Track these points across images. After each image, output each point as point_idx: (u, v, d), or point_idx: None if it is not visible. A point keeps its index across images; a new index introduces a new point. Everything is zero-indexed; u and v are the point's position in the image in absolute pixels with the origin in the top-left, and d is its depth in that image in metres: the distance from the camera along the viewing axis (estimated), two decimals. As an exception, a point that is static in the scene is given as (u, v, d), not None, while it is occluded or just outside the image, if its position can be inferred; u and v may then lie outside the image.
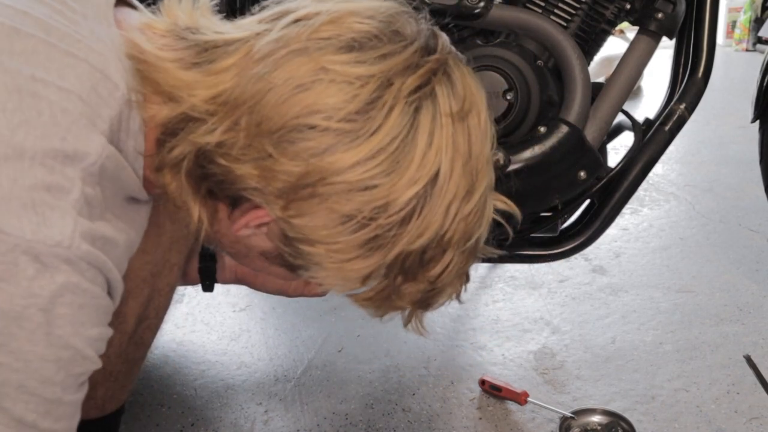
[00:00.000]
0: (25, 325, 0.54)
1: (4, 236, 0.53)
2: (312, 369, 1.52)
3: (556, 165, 1.06)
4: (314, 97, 0.58)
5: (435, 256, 0.63)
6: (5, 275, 0.53)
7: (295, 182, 0.59)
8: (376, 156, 0.58)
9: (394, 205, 0.59)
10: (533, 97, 1.09)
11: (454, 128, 0.61)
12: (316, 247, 0.62)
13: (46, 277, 0.54)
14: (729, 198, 2.37)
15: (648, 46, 1.13)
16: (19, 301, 0.54)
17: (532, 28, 1.08)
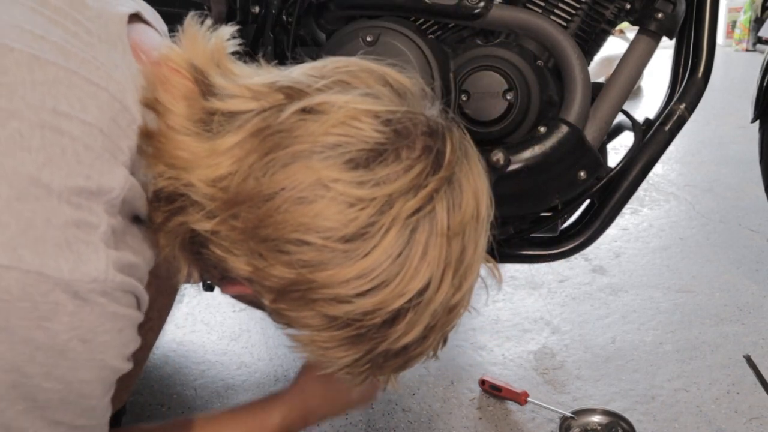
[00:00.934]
0: (69, 355, 0.56)
1: (44, 278, 0.54)
2: (312, 369, 1.52)
3: (556, 165, 1.06)
4: (314, 214, 0.57)
5: (417, 344, 0.64)
6: (48, 314, 0.54)
7: (286, 286, 0.60)
8: (367, 275, 0.59)
9: (380, 313, 0.60)
10: (533, 97, 1.09)
11: (449, 245, 0.61)
12: (301, 332, 0.64)
13: (86, 311, 0.56)
14: (729, 198, 2.37)
15: (648, 46, 1.13)
16: (62, 336, 0.55)
17: (532, 28, 1.08)
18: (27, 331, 0.54)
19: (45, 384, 0.57)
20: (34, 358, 0.55)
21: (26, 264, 0.53)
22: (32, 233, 0.53)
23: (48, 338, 0.55)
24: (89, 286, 0.55)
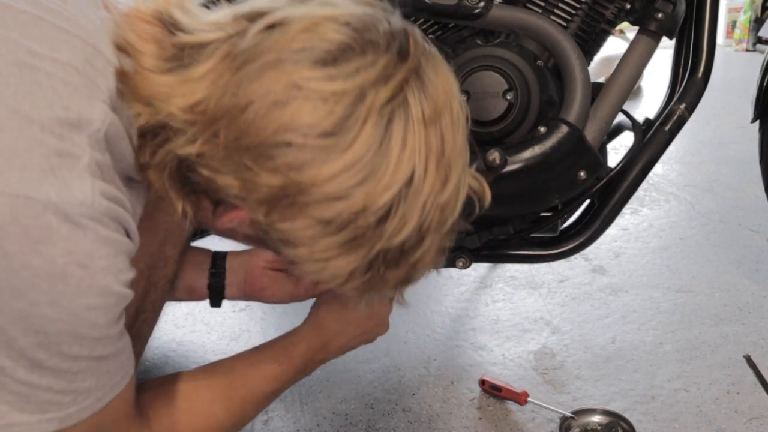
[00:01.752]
0: (70, 281, 0.58)
1: (33, 202, 0.55)
2: (312, 369, 1.52)
3: (556, 165, 1.06)
4: (290, 114, 0.59)
5: (414, 245, 0.66)
6: (41, 238, 0.56)
7: (276, 193, 0.61)
8: (351, 168, 0.60)
9: (371, 209, 0.62)
10: (533, 97, 1.09)
11: (426, 132, 0.63)
12: (298, 249, 0.65)
13: (79, 235, 0.58)
14: (729, 198, 2.37)
15: (648, 46, 1.13)
16: (59, 260, 0.57)
17: (532, 28, 1.08)
18: (24, 257, 0.56)
19: (53, 314, 0.58)
20: (37, 285, 0.57)
21: (13, 188, 0.54)
22: (16, 161, 0.55)
23: (45, 263, 0.56)
24: (78, 209, 0.57)
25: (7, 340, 0.58)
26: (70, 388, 0.63)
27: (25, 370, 0.60)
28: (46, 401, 0.62)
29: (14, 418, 0.62)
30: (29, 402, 0.62)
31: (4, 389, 0.60)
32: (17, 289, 0.56)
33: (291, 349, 0.91)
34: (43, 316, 0.58)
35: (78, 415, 0.65)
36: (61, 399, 0.63)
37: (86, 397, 0.65)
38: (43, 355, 0.60)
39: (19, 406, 0.61)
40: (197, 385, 0.83)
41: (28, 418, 0.62)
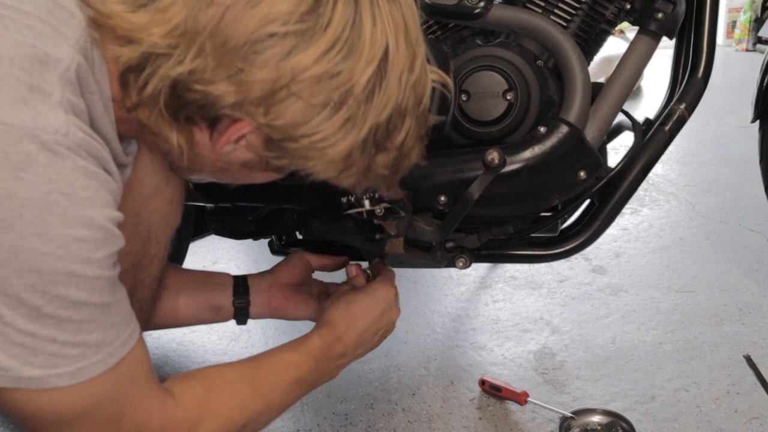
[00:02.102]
0: (55, 210, 0.58)
1: (8, 127, 0.56)
2: (312, 369, 1.52)
3: (556, 165, 1.06)
4: (267, 8, 0.63)
5: (397, 125, 0.72)
6: (21, 164, 0.57)
7: (270, 87, 0.65)
8: (333, 46, 0.65)
9: (359, 86, 0.67)
10: (533, 97, 1.09)
11: (390, 8, 0.69)
12: (299, 141, 0.69)
13: (57, 163, 0.58)
14: (729, 198, 2.37)
15: (648, 46, 1.13)
16: (41, 188, 0.58)
17: (531, 28, 1.08)
18: (7, 184, 0.56)
19: (42, 247, 0.58)
20: (23, 215, 0.57)
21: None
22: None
23: (28, 190, 0.57)
24: (53, 137, 0.58)
25: (1, 284, 0.58)
26: (75, 340, 0.63)
27: (24, 318, 0.60)
28: (52, 354, 0.62)
29: (23, 373, 0.61)
30: (36, 355, 0.61)
31: (8, 341, 0.60)
32: (4, 220, 0.57)
33: (306, 341, 0.95)
34: (34, 250, 0.58)
35: (89, 370, 0.65)
36: (69, 352, 0.63)
37: (96, 351, 0.65)
38: (39, 299, 0.60)
39: (26, 360, 0.61)
40: (221, 368, 0.86)
41: (38, 373, 0.62)
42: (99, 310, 0.64)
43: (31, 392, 0.63)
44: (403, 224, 1.09)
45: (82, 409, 0.66)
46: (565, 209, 1.15)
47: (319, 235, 1.17)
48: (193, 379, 0.81)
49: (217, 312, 1.11)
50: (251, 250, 2.12)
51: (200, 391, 0.79)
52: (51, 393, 0.63)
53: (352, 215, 1.09)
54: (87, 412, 0.66)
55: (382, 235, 1.11)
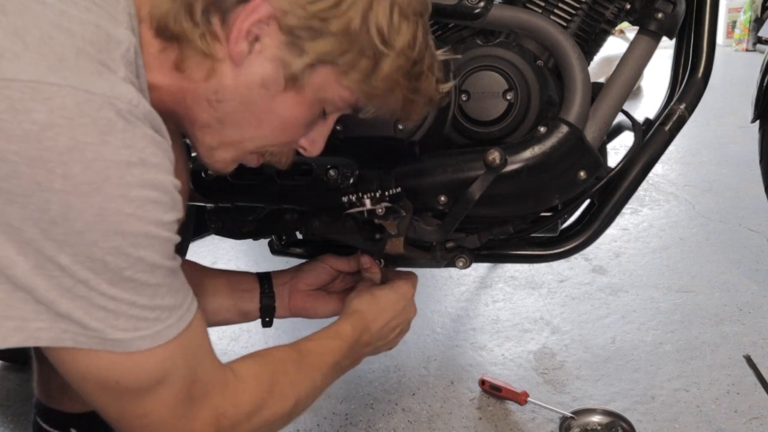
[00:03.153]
0: (134, 172, 0.61)
1: (92, 96, 0.59)
2: (312, 369, 1.52)
3: (556, 165, 1.06)
4: None
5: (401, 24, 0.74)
6: (106, 129, 0.60)
7: None
8: None
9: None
10: (533, 97, 1.09)
11: None
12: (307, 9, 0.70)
13: (132, 131, 0.62)
14: (729, 198, 2.38)
15: (648, 46, 1.13)
16: (123, 152, 0.61)
17: (531, 28, 1.08)
18: (96, 147, 0.59)
19: (126, 208, 0.61)
20: (110, 177, 0.60)
21: (72, 82, 0.58)
22: (68, 63, 0.59)
23: (113, 153, 0.60)
24: (127, 106, 0.61)
25: (88, 248, 0.60)
26: (152, 303, 0.66)
27: (108, 283, 0.62)
28: (134, 317, 0.65)
29: (109, 335, 0.64)
30: (118, 318, 0.64)
31: (93, 305, 0.63)
32: (93, 183, 0.59)
33: (339, 330, 0.98)
34: (119, 211, 0.61)
35: (166, 333, 0.68)
36: (148, 315, 0.66)
37: (169, 314, 0.68)
38: (123, 262, 0.62)
39: (110, 323, 0.64)
40: (269, 350, 0.88)
41: (122, 335, 0.65)
42: (169, 274, 0.68)
43: (116, 357, 0.66)
44: (404, 224, 1.09)
45: (160, 373, 0.69)
46: (565, 209, 1.15)
47: (320, 234, 1.17)
48: (246, 358, 0.84)
49: (245, 316, 1.16)
50: (251, 250, 2.13)
51: (256, 367, 0.83)
52: (133, 357, 0.66)
53: (353, 215, 1.09)
54: (164, 377, 0.69)
55: (383, 235, 1.11)
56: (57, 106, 0.57)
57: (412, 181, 1.08)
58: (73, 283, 0.61)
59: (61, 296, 0.61)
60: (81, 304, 0.62)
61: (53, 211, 0.58)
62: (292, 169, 1.10)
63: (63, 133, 0.57)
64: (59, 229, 0.59)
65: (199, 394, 0.73)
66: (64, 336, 0.63)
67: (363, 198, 1.07)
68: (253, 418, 0.80)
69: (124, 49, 0.65)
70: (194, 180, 1.14)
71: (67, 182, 0.58)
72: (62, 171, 0.58)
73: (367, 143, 1.10)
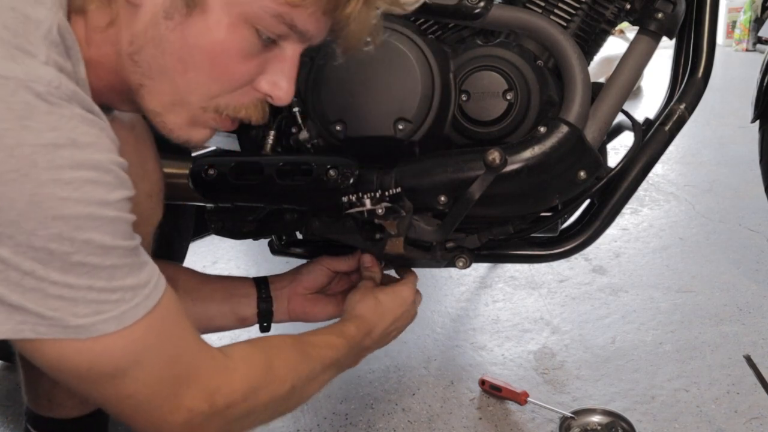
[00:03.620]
0: (64, 154, 0.59)
1: (4, 80, 0.57)
2: (312, 369, 1.52)
3: (556, 165, 1.06)
4: None
5: None
6: (25, 114, 0.57)
7: None
8: None
9: None
10: (533, 97, 1.09)
11: None
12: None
13: (57, 112, 0.59)
14: (729, 198, 2.37)
15: (648, 46, 1.13)
16: (48, 135, 0.58)
17: (531, 28, 1.08)
18: (15, 133, 0.56)
19: (60, 191, 0.58)
20: (36, 162, 0.57)
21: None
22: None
23: (36, 137, 0.57)
24: (47, 88, 0.58)
25: (27, 238, 0.58)
26: (111, 285, 0.63)
27: (57, 271, 0.60)
28: (93, 301, 0.63)
29: (70, 322, 0.62)
30: (77, 305, 0.62)
31: (46, 295, 0.60)
32: (18, 170, 0.57)
33: (343, 328, 0.98)
34: (52, 195, 0.58)
35: (133, 313, 0.65)
36: (108, 297, 0.63)
37: (133, 294, 0.65)
38: (68, 247, 0.60)
39: (70, 311, 0.62)
40: (267, 337, 0.88)
41: (84, 321, 0.62)
42: (126, 254, 0.65)
43: (82, 344, 0.63)
44: (404, 224, 1.09)
45: (134, 354, 0.66)
46: (565, 209, 1.15)
47: (320, 234, 1.17)
48: (239, 342, 0.83)
49: (243, 322, 1.15)
50: (251, 250, 2.12)
51: (248, 349, 0.81)
52: (102, 341, 0.64)
53: (353, 215, 1.09)
54: (140, 357, 0.67)
55: (383, 235, 1.11)
56: None
57: (412, 181, 1.08)
58: (19, 275, 0.59)
59: (10, 291, 0.59)
60: (33, 296, 0.60)
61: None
62: (292, 169, 1.11)
63: None
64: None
65: (183, 372, 0.71)
66: (23, 327, 0.61)
67: (363, 198, 1.07)
68: (248, 397, 0.77)
69: (45, 29, 0.61)
70: (194, 180, 1.14)
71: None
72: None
73: (367, 143, 1.10)
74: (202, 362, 0.73)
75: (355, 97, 1.08)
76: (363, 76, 1.07)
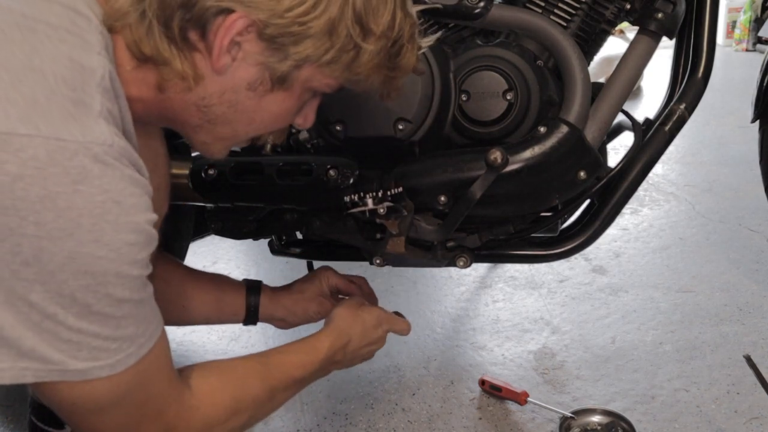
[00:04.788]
0: (109, 218, 0.62)
1: (64, 143, 0.59)
2: (312, 369, 1.52)
3: (556, 165, 1.06)
4: None
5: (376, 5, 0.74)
6: (79, 178, 0.60)
7: None
8: None
9: None
10: (533, 97, 1.09)
11: None
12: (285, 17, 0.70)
13: (109, 174, 0.62)
14: (729, 198, 2.37)
15: (648, 46, 1.13)
16: (97, 198, 0.61)
17: (531, 28, 1.08)
18: (67, 197, 0.60)
19: (98, 251, 0.62)
20: (82, 224, 0.61)
21: (44, 132, 0.59)
22: (39, 108, 0.59)
23: (86, 201, 0.61)
24: (102, 148, 0.62)
25: (58, 286, 0.62)
26: (115, 334, 0.67)
27: (74, 317, 0.64)
28: (95, 348, 0.66)
29: (69, 366, 0.66)
30: (81, 350, 0.66)
31: (58, 338, 0.64)
32: (65, 230, 0.60)
33: (317, 345, 1.00)
34: (90, 254, 0.62)
35: (125, 362, 0.69)
36: (109, 346, 0.67)
37: (130, 344, 0.69)
38: (91, 298, 0.64)
39: (72, 354, 0.65)
40: (233, 363, 0.90)
41: (82, 366, 0.66)
42: (136, 306, 0.69)
43: (74, 383, 0.67)
44: (405, 223, 1.09)
45: (116, 396, 0.71)
46: (565, 209, 1.15)
47: (320, 234, 1.17)
48: (208, 371, 0.86)
49: (232, 315, 1.18)
50: (251, 250, 2.12)
51: (215, 384, 0.84)
52: (91, 383, 0.68)
53: (354, 214, 1.09)
54: (120, 399, 0.71)
55: (384, 235, 1.12)
56: (29, 156, 0.58)
57: (412, 181, 1.08)
58: (41, 318, 0.63)
59: (27, 330, 0.63)
60: (47, 337, 0.64)
61: (25, 253, 0.60)
62: (292, 169, 1.11)
63: (34, 184, 0.58)
64: (31, 270, 0.61)
65: (151, 412, 0.76)
66: (25, 373, 0.65)
67: (365, 197, 1.07)
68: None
69: (98, 77, 0.65)
70: (194, 180, 1.14)
71: (40, 228, 0.59)
72: (35, 218, 0.59)
73: (367, 143, 1.10)
74: (170, 404, 0.78)
75: (355, 97, 1.08)
76: (363, 76, 1.07)
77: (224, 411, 0.83)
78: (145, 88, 0.74)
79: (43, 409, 1.10)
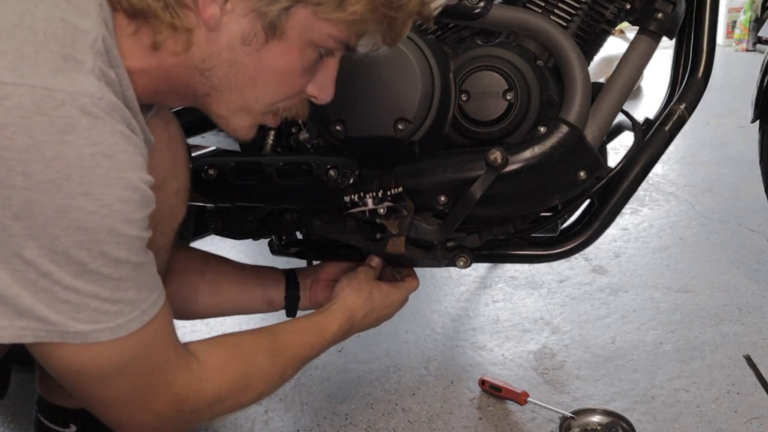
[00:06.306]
0: (99, 171, 0.61)
1: (51, 92, 0.59)
2: (312, 369, 1.52)
3: (556, 165, 1.06)
4: None
5: None
6: (66, 128, 0.59)
7: None
8: None
9: None
10: (533, 97, 1.09)
11: None
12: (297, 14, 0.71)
13: (98, 127, 0.61)
14: (729, 198, 2.37)
15: (648, 46, 1.13)
16: (86, 150, 0.61)
17: (531, 28, 1.08)
18: (54, 146, 0.59)
19: (89, 206, 0.62)
20: (71, 176, 0.60)
21: (30, 80, 0.58)
22: (27, 60, 0.59)
23: (75, 152, 0.60)
24: (90, 101, 0.61)
25: (51, 242, 0.61)
26: (114, 296, 0.67)
27: (71, 275, 0.63)
28: (95, 310, 0.66)
29: (70, 327, 0.66)
30: (80, 311, 0.65)
31: (55, 298, 0.64)
32: (52, 181, 0.59)
33: (326, 326, 1.01)
34: (81, 208, 0.61)
35: (127, 327, 0.69)
36: (109, 308, 0.67)
37: (131, 308, 0.69)
38: (86, 256, 0.63)
39: (72, 316, 0.65)
40: (242, 337, 0.90)
41: (83, 328, 0.66)
42: (135, 269, 0.68)
43: (76, 347, 0.67)
44: (405, 223, 1.09)
45: (120, 363, 0.70)
46: (565, 209, 1.15)
47: (320, 234, 1.17)
48: (217, 344, 0.85)
49: (271, 304, 1.20)
50: (251, 250, 2.12)
51: (225, 357, 0.84)
52: (94, 348, 0.68)
53: (354, 214, 1.09)
54: (125, 366, 0.71)
55: (384, 235, 1.12)
56: (13, 105, 0.58)
57: (412, 181, 1.08)
58: (36, 276, 0.62)
59: (24, 289, 0.62)
60: (44, 297, 0.63)
61: (15, 206, 0.59)
62: (292, 169, 1.11)
63: (20, 132, 0.58)
64: (22, 224, 0.60)
65: (159, 381, 0.75)
66: (25, 333, 0.65)
67: (365, 197, 1.07)
68: (215, 406, 0.82)
69: (91, 39, 0.64)
70: (194, 180, 1.14)
71: (28, 179, 0.59)
72: (22, 169, 0.59)
73: (367, 143, 1.10)
74: (178, 373, 0.77)
75: (355, 97, 1.08)
76: (363, 77, 1.07)
77: (235, 384, 0.83)
78: (144, 53, 0.73)
79: (50, 408, 1.10)
